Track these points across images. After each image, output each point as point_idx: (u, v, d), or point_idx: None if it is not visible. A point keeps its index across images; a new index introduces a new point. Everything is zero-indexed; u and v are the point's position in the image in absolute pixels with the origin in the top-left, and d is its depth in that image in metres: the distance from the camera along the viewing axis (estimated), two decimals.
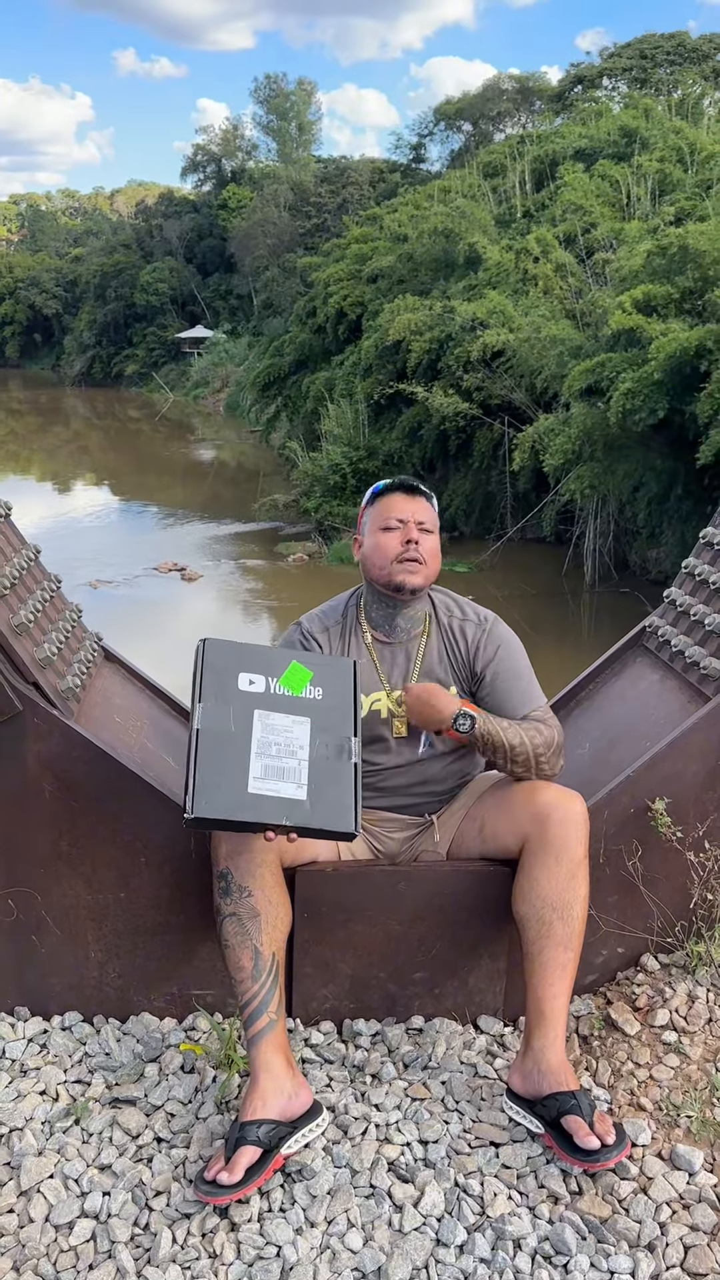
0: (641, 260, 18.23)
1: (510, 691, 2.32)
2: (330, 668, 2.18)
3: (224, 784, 1.96)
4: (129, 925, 2.34)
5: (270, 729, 2.04)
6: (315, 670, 2.15)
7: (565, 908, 2.15)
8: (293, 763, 2.03)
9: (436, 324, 21.59)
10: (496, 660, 2.34)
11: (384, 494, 2.41)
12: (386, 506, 2.39)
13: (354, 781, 2.07)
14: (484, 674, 2.34)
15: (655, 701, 2.53)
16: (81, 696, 2.37)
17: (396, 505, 2.38)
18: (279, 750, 2.03)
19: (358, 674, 2.21)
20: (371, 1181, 2.00)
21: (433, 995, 2.40)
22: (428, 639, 2.39)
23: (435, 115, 42.04)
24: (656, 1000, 2.36)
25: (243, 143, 54.04)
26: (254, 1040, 2.09)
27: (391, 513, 2.37)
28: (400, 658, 2.38)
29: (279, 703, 2.08)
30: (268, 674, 2.10)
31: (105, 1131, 2.12)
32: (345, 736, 2.10)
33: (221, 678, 2.06)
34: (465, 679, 2.36)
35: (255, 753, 2.01)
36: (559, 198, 24.82)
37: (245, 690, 2.07)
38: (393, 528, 2.36)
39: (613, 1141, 1.95)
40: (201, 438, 37.47)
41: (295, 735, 2.06)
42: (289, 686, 2.11)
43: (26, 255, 67.79)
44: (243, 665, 2.09)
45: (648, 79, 33.26)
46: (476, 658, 2.35)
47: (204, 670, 2.06)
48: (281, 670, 2.12)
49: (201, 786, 1.94)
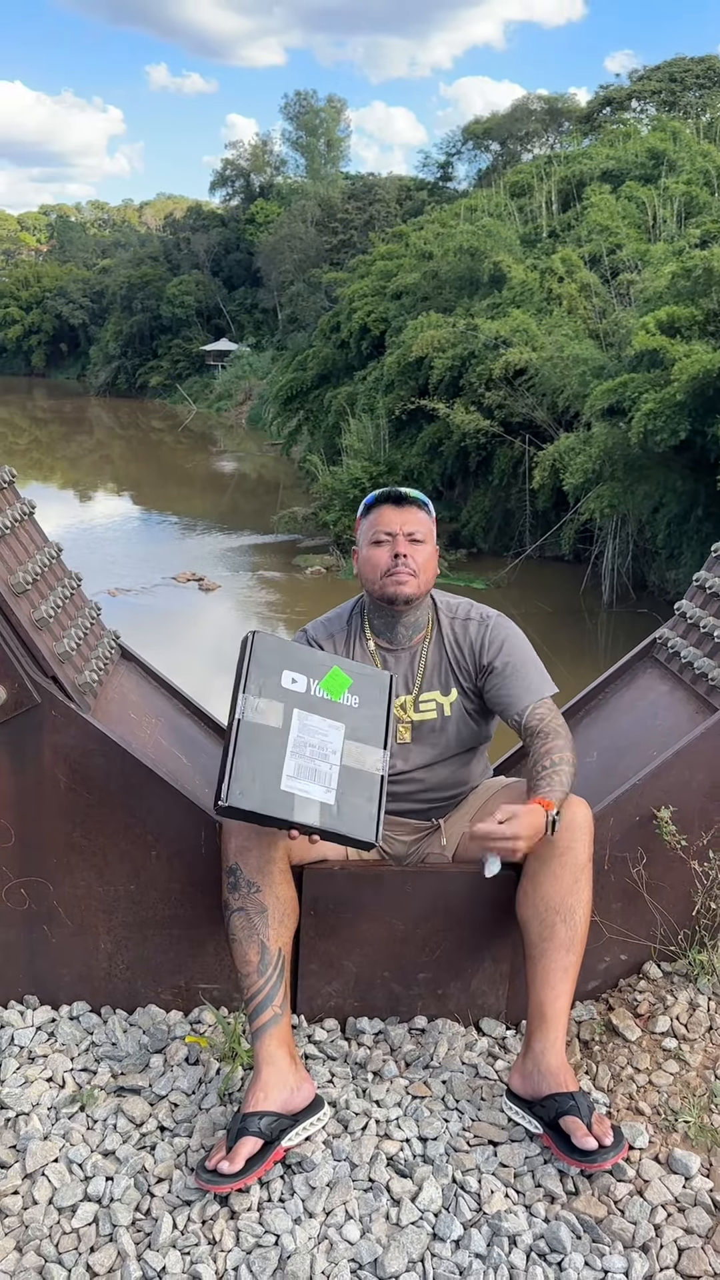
0: (666, 282, 18.25)
1: (516, 683, 2.34)
2: (369, 678, 2.21)
3: (259, 777, 2.00)
4: (139, 918, 2.38)
5: (307, 729, 2.09)
6: (354, 678, 2.19)
7: (568, 911, 2.18)
8: (325, 766, 2.07)
9: (459, 341, 21.67)
10: (502, 653, 2.37)
11: (374, 506, 2.44)
12: (376, 520, 2.42)
13: (379, 793, 2.11)
14: (490, 666, 2.37)
15: (664, 712, 2.56)
16: (98, 692, 2.41)
17: (385, 518, 2.40)
18: (313, 752, 2.07)
19: (393, 689, 2.25)
20: (370, 1175, 2.02)
21: (436, 996, 2.43)
22: (429, 644, 2.42)
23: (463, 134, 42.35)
24: (658, 1007, 2.37)
25: (271, 158, 54.55)
26: (258, 1033, 2.12)
27: (380, 526, 2.40)
28: (404, 664, 2.42)
29: (317, 705, 2.12)
30: (310, 675, 2.14)
31: (110, 1119, 2.16)
32: (377, 748, 2.14)
33: (266, 672, 2.10)
34: (469, 677, 2.39)
35: (291, 751, 2.05)
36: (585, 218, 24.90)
37: (288, 688, 2.11)
38: (382, 541, 2.39)
39: (610, 1143, 1.97)
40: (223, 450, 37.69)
41: (330, 739, 2.10)
42: (328, 690, 2.15)
43: (55, 266, 68.47)
44: (287, 663, 2.13)
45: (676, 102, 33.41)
46: (481, 654, 2.39)
47: (251, 663, 2.09)
48: (323, 674, 2.16)
49: (238, 776, 1.98)
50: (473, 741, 2.44)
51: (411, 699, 2.40)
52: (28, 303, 64.12)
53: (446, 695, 2.40)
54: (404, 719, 2.40)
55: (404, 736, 2.40)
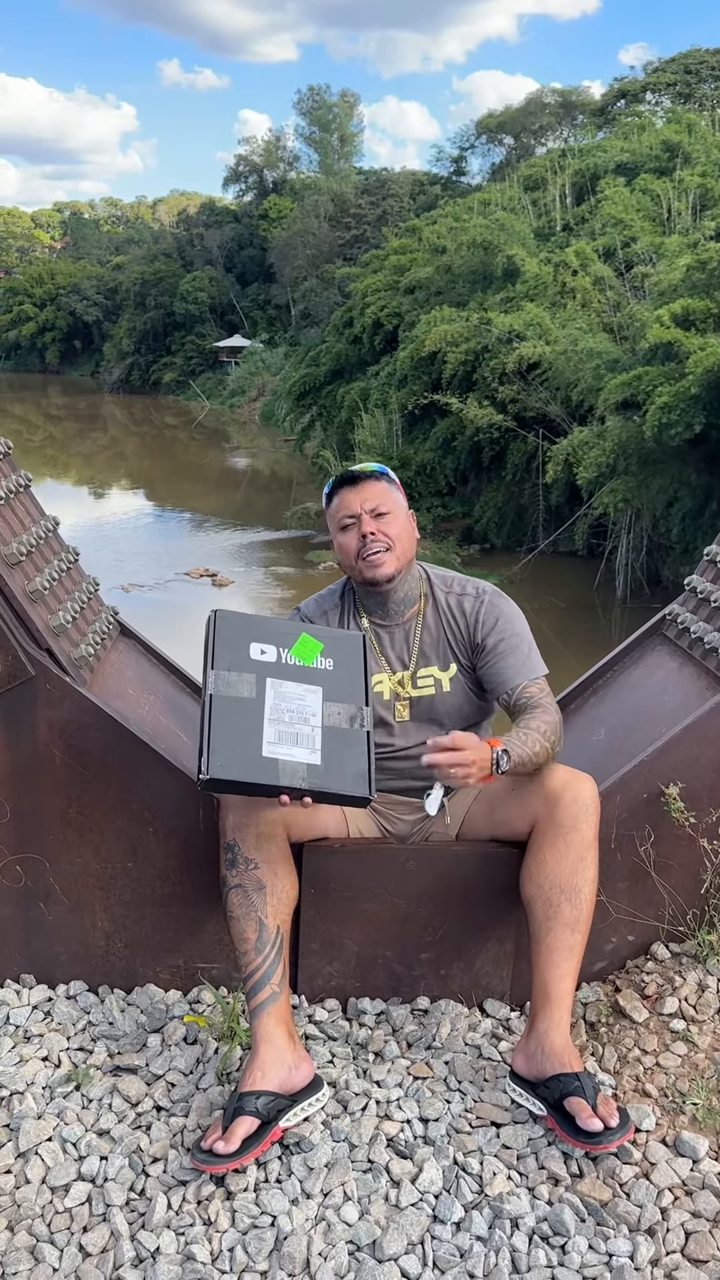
0: (681, 274, 18.16)
1: (509, 660, 2.29)
2: (340, 640, 2.19)
3: (238, 747, 1.96)
4: (136, 895, 2.34)
5: (283, 696, 2.05)
6: (325, 642, 2.16)
7: (573, 890, 2.13)
8: (306, 729, 2.03)
9: (473, 335, 21.58)
10: (496, 629, 2.32)
11: (333, 494, 2.40)
12: (337, 506, 2.38)
13: (367, 749, 2.07)
14: (484, 643, 2.32)
15: (673, 688, 2.50)
16: (95, 667, 2.38)
17: (345, 502, 2.36)
18: (292, 717, 2.03)
19: (367, 647, 2.21)
20: (370, 1156, 1.98)
21: (438, 976, 2.38)
22: (423, 618, 2.38)
23: (477, 128, 42.20)
24: (666, 989, 2.32)
25: (284, 154, 54.46)
26: (256, 1012, 2.08)
27: (342, 511, 2.36)
28: (398, 639, 2.38)
29: (291, 672, 2.09)
30: (279, 645, 2.11)
31: (105, 1098, 2.12)
32: (357, 706, 2.11)
33: (233, 647, 2.07)
34: (465, 652, 2.35)
35: (268, 718, 2.02)
36: (599, 211, 24.78)
37: (257, 659, 2.07)
38: (348, 526, 2.35)
39: (616, 1124, 1.92)
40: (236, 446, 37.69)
41: (308, 703, 2.06)
42: (300, 657, 2.11)
43: (68, 263, 68.60)
44: (254, 635, 2.10)
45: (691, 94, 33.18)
46: (476, 629, 2.33)
47: (216, 639, 2.07)
48: (292, 642, 2.13)
49: (216, 748, 1.95)
50: (475, 717, 2.39)
51: (409, 675, 2.35)
52: (42, 300, 64.25)
53: (445, 670, 2.35)
54: (403, 695, 2.35)
55: (402, 714, 2.36)
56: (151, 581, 18.94)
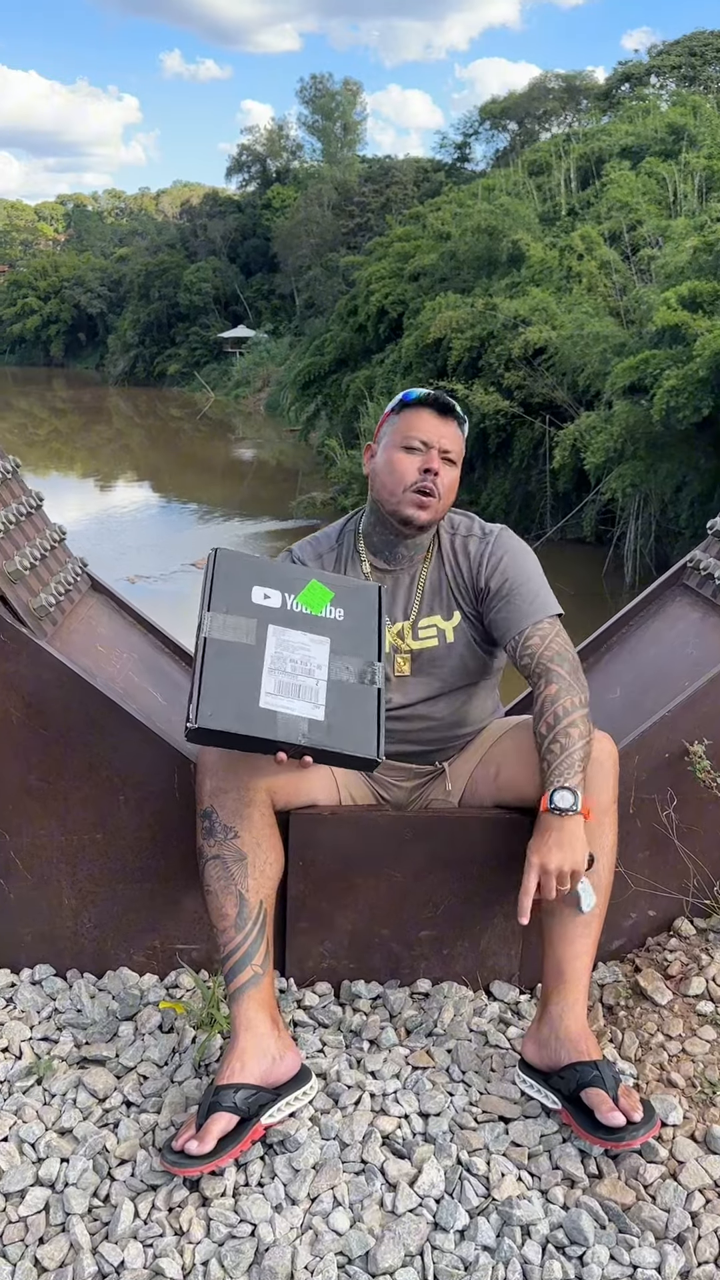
0: (688, 256, 17.93)
1: (514, 602, 2.05)
2: (353, 590, 1.98)
3: (232, 696, 1.76)
4: (106, 870, 2.13)
5: (285, 644, 1.84)
6: (337, 591, 1.95)
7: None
8: (309, 681, 1.83)
9: (478, 321, 21.38)
10: (501, 569, 2.09)
11: (412, 406, 2.13)
12: (413, 422, 2.10)
13: (377, 706, 1.86)
14: (489, 585, 2.09)
15: (695, 640, 2.28)
16: (59, 620, 2.16)
17: (424, 423, 2.09)
18: (295, 668, 1.83)
19: (382, 599, 1.99)
20: (363, 1156, 1.77)
21: (441, 957, 2.17)
22: (429, 564, 2.15)
23: (481, 114, 41.82)
24: (691, 967, 2.10)
25: (288, 143, 54.18)
26: (236, 995, 1.87)
27: (415, 431, 2.09)
28: (402, 586, 2.15)
29: (296, 620, 1.88)
30: (285, 590, 1.90)
31: (69, 1093, 1.91)
32: (369, 661, 1.90)
33: (234, 588, 1.87)
34: (471, 599, 2.12)
35: (269, 667, 1.81)
36: (605, 195, 24.57)
37: (260, 604, 1.87)
38: (415, 449, 2.09)
39: (639, 1119, 1.71)
40: (242, 437, 37.51)
41: (313, 654, 1.86)
42: (308, 605, 1.91)
43: (72, 255, 68.47)
44: (258, 579, 1.90)
45: (697, 76, 32.84)
46: (480, 571, 2.10)
47: (215, 579, 1.86)
48: (300, 587, 1.92)
49: (208, 696, 1.74)
50: (479, 673, 2.17)
51: (409, 625, 2.13)
52: (46, 292, 64.14)
53: (449, 619, 2.13)
54: (402, 648, 2.13)
55: (402, 668, 2.13)
56: (158, 573, 18.76)
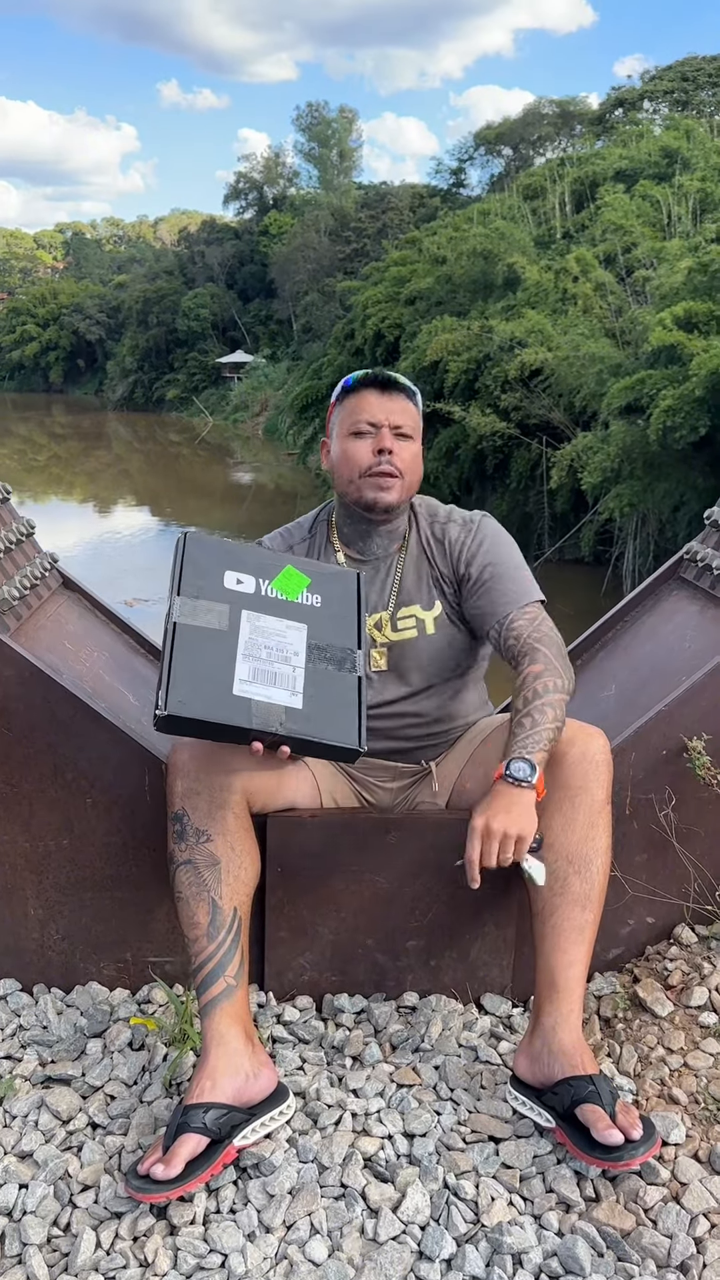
0: (683, 277, 17.98)
1: (495, 588, 1.96)
2: (331, 576, 1.88)
3: (204, 682, 1.66)
4: (74, 878, 2.02)
5: (260, 631, 1.75)
6: (314, 577, 1.85)
7: (583, 861, 1.81)
8: (286, 669, 1.73)
9: (474, 344, 21.44)
10: (481, 554, 1.99)
11: (354, 390, 2.04)
12: (357, 406, 2.02)
13: (359, 695, 1.77)
14: (469, 573, 1.99)
15: (693, 634, 2.18)
16: (24, 616, 2.06)
17: (368, 405, 2.01)
18: (270, 655, 1.73)
19: (361, 585, 1.89)
20: (343, 1180, 1.65)
21: (428, 968, 2.05)
22: (407, 552, 2.05)
23: (475, 140, 42.19)
24: (693, 977, 1.99)
25: (284, 170, 54.66)
26: (207, 1009, 1.75)
27: (362, 414, 2.01)
28: (379, 577, 2.05)
29: (271, 605, 1.79)
30: (259, 575, 1.81)
31: (31, 1114, 1.79)
32: (347, 648, 1.81)
33: (204, 574, 1.77)
34: (451, 586, 2.02)
35: (242, 653, 1.72)
36: (599, 218, 24.68)
37: (232, 589, 1.78)
38: (364, 433, 2.00)
39: (639, 1136, 1.59)
40: (240, 460, 37.58)
41: (290, 641, 1.76)
42: (283, 590, 1.81)
43: (71, 282, 68.94)
44: (230, 564, 1.80)
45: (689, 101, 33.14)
46: (460, 558, 2.01)
47: (184, 564, 1.77)
48: (275, 573, 1.83)
49: (178, 682, 1.64)
50: (463, 664, 2.06)
51: (388, 615, 2.03)
52: (45, 319, 64.55)
53: (429, 609, 2.02)
54: (380, 640, 2.02)
55: (379, 662, 2.03)
56: (155, 596, 18.68)
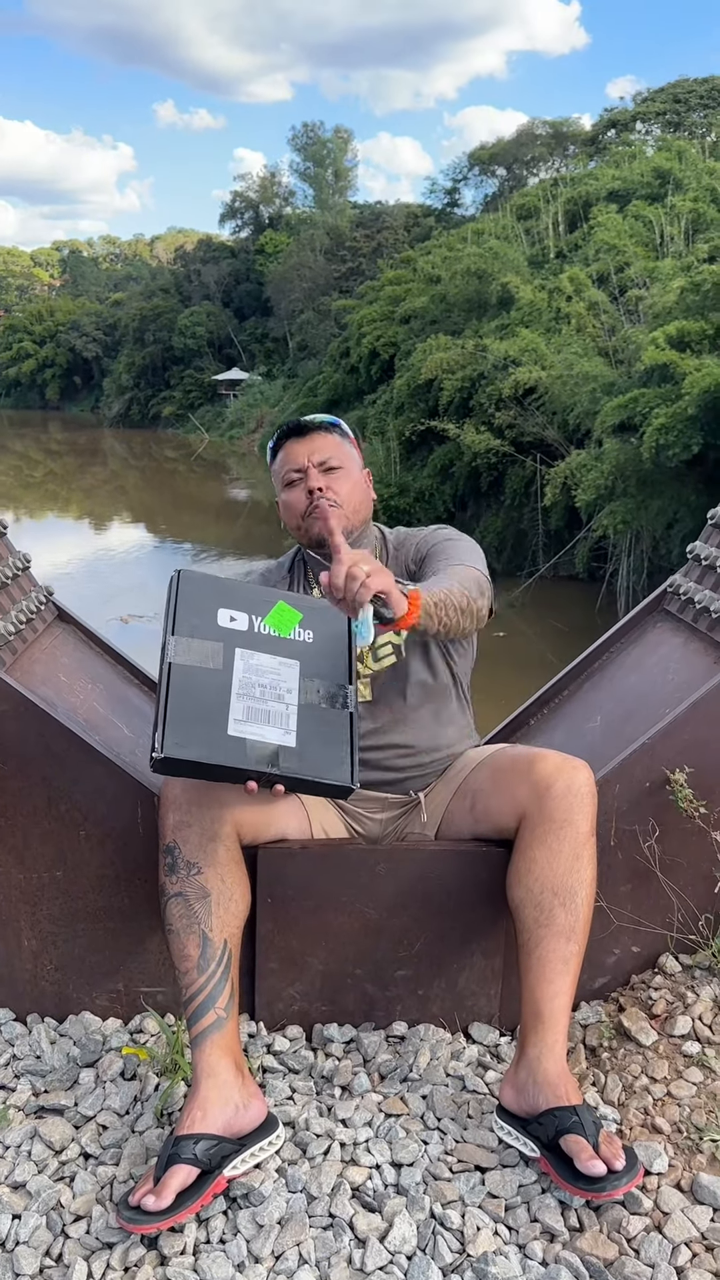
0: (675, 296, 18.12)
1: (449, 552, 2.07)
2: (322, 611, 1.92)
3: (200, 723, 1.70)
4: (67, 910, 2.05)
5: (254, 669, 1.79)
6: (305, 613, 1.90)
7: (568, 892, 1.84)
8: (280, 707, 1.77)
9: (469, 362, 21.57)
10: (437, 539, 2.12)
11: (277, 447, 2.18)
12: (282, 460, 2.15)
13: (350, 732, 1.81)
14: (425, 554, 2.11)
15: (677, 666, 2.22)
16: (19, 649, 2.10)
17: (291, 454, 2.14)
18: (264, 693, 1.77)
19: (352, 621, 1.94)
20: (331, 1210, 1.67)
21: (417, 997, 2.08)
22: None
23: (470, 160, 42.55)
24: (676, 1006, 2.02)
25: (280, 189, 54.97)
26: (198, 1041, 1.78)
27: (287, 465, 2.13)
28: None
29: (264, 642, 1.83)
30: (251, 612, 1.85)
31: (24, 1144, 1.81)
32: (339, 684, 1.85)
33: (198, 611, 1.81)
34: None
35: (237, 693, 1.75)
36: (592, 238, 24.87)
37: (226, 626, 1.82)
38: (294, 481, 2.13)
39: (621, 1167, 1.61)
40: (236, 477, 37.70)
41: (283, 678, 1.80)
42: (275, 627, 1.86)
43: (68, 300, 69.22)
44: (223, 601, 1.85)
45: (681, 122, 33.45)
46: (417, 548, 2.14)
47: (178, 602, 1.81)
48: (266, 609, 1.87)
49: (174, 724, 1.68)
50: (442, 686, 2.12)
51: (365, 648, 2.08)
52: (41, 337, 64.78)
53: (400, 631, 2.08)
54: (364, 673, 2.07)
55: (365, 694, 2.08)
56: (151, 613, 18.69)
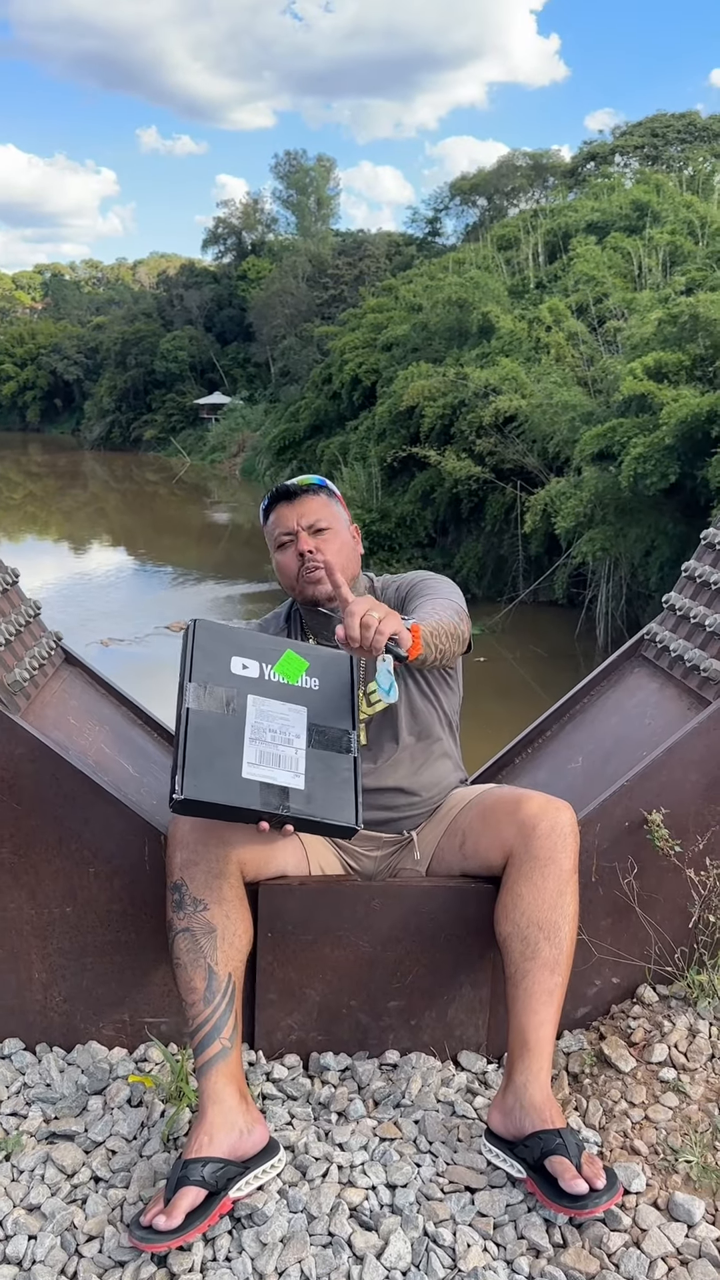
0: (653, 328, 18.37)
1: (429, 593, 2.20)
2: (327, 659, 2.06)
3: (216, 766, 1.82)
4: (76, 944, 2.15)
5: (265, 714, 1.91)
6: (311, 661, 2.03)
7: (553, 927, 1.96)
8: (289, 751, 1.90)
9: (450, 390, 21.77)
10: (415, 583, 2.26)
11: (270, 509, 2.30)
12: (274, 523, 2.28)
13: (354, 774, 1.94)
14: (408, 594, 2.25)
15: (654, 710, 2.35)
16: (32, 695, 2.20)
17: (282, 518, 2.26)
18: (274, 737, 1.90)
19: (355, 667, 2.07)
20: (330, 1229, 1.78)
21: (409, 1027, 2.19)
22: None
23: (451, 190, 43.06)
24: (654, 1034, 2.14)
25: (263, 216, 55.39)
26: (204, 1069, 1.88)
27: (279, 528, 2.26)
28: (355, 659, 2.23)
29: (274, 689, 1.96)
30: (262, 660, 1.98)
31: (38, 1169, 1.91)
32: (344, 729, 1.98)
33: (213, 660, 1.94)
34: None
35: (250, 737, 1.88)
36: (571, 269, 25.18)
37: (238, 674, 1.94)
38: (285, 544, 2.26)
39: (603, 1186, 1.73)
40: (217, 500, 37.79)
41: (291, 723, 1.93)
42: (284, 674, 1.99)
43: (49, 323, 69.28)
44: (235, 649, 1.97)
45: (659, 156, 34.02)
46: (398, 590, 2.28)
47: (194, 651, 1.93)
48: (276, 658, 2.00)
49: (193, 768, 1.80)
50: (433, 725, 2.25)
51: (363, 693, 2.20)
52: (22, 359, 64.82)
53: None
54: (360, 718, 2.19)
55: (361, 739, 2.20)
56: (131, 636, 18.75)
